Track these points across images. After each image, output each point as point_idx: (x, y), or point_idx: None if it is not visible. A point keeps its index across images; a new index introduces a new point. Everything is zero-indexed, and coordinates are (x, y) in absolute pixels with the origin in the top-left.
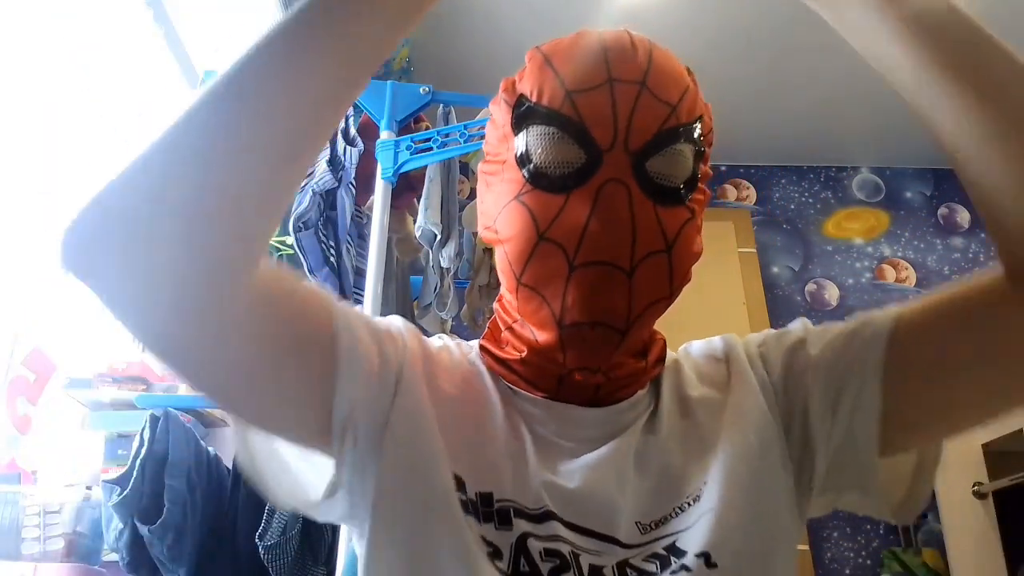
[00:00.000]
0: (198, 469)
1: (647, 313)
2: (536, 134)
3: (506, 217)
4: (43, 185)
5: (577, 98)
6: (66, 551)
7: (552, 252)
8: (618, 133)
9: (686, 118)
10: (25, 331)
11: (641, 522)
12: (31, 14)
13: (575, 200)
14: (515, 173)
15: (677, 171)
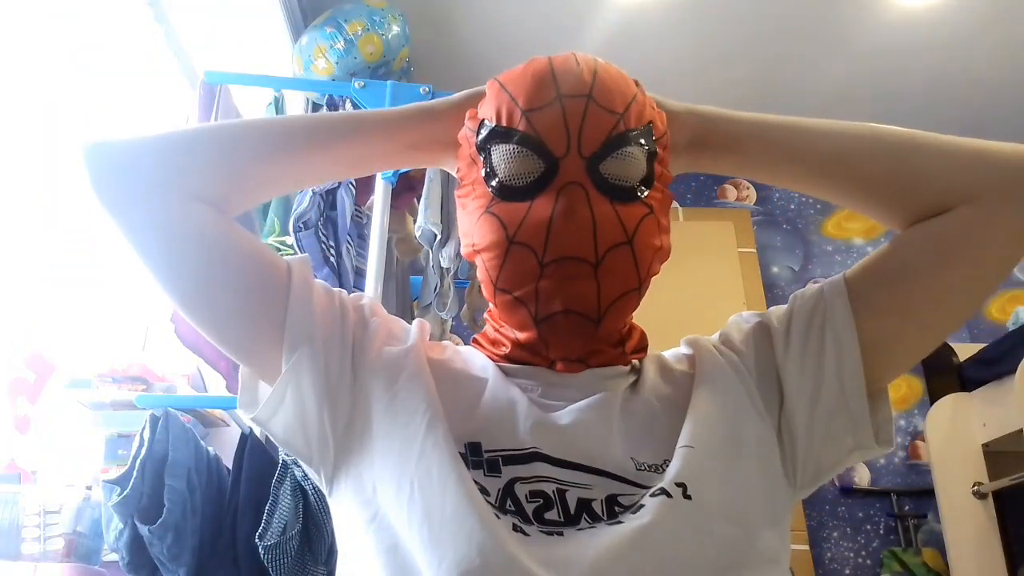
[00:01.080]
0: (198, 469)
1: (618, 303)
2: (499, 152)
3: (479, 229)
4: (43, 186)
5: (532, 115)
6: (66, 551)
7: (523, 254)
8: (571, 141)
9: (634, 123)
10: (25, 331)
11: (636, 459)
12: (31, 14)
13: (538, 203)
14: (483, 189)
15: (630, 172)
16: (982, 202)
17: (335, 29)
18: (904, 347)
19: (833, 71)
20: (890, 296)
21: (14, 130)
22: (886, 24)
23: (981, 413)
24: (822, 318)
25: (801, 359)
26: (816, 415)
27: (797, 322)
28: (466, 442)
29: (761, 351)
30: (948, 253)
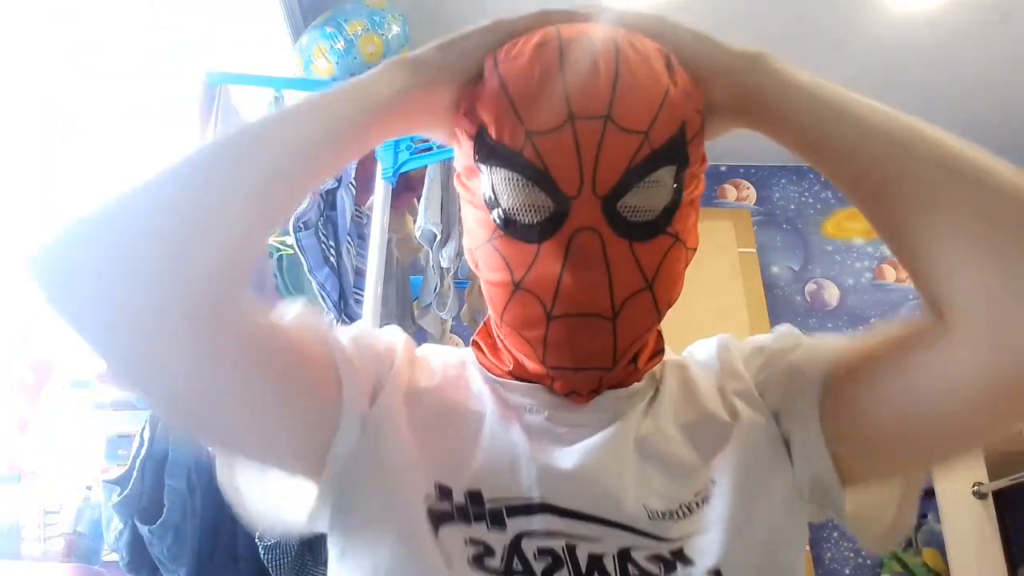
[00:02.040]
0: (198, 469)
1: (635, 344)
2: (501, 178)
3: (483, 258)
4: (44, 186)
5: (539, 141)
6: (66, 551)
7: (529, 300)
8: (584, 178)
9: (661, 139)
10: (26, 332)
11: (648, 506)
12: (31, 14)
13: (547, 251)
14: (486, 214)
15: (653, 202)
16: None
17: (335, 29)
18: (879, 472)
19: (831, 74)
20: (862, 431)
21: (14, 130)
22: (884, 27)
23: None
24: (789, 413)
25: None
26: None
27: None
28: (465, 491)
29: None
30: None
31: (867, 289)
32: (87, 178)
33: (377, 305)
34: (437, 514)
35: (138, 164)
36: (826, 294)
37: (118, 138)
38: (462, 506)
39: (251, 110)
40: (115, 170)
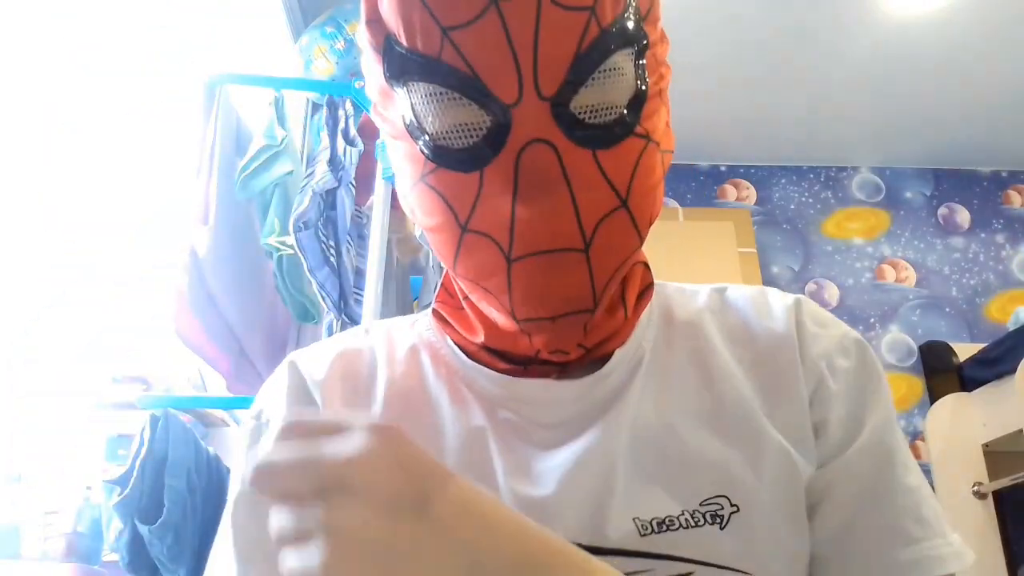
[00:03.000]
0: (198, 469)
1: (617, 275)
2: (420, 95)
3: (418, 201)
4: (46, 187)
5: (457, 36)
6: (66, 551)
7: (482, 244)
8: (523, 77)
9: (611, 15)
10: (26, 332)
11: (640, 518)
12: (31, 14)
13: (491, 178)
14: (411, 146)
15: (614, 94)
16: None
17: (335, 29)
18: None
19: (832, 76)
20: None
21: (14, 130)
22: (885, 26)
23: (981, 413)
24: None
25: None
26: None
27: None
28: None
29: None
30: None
31: (867, 289)
32: (87, 178)
33: (377, 305)
34: None
35: (138, 164)
36: (826, 294)
37: (118, 138)
38: None
39: (251, 110)
40: (115, 170)
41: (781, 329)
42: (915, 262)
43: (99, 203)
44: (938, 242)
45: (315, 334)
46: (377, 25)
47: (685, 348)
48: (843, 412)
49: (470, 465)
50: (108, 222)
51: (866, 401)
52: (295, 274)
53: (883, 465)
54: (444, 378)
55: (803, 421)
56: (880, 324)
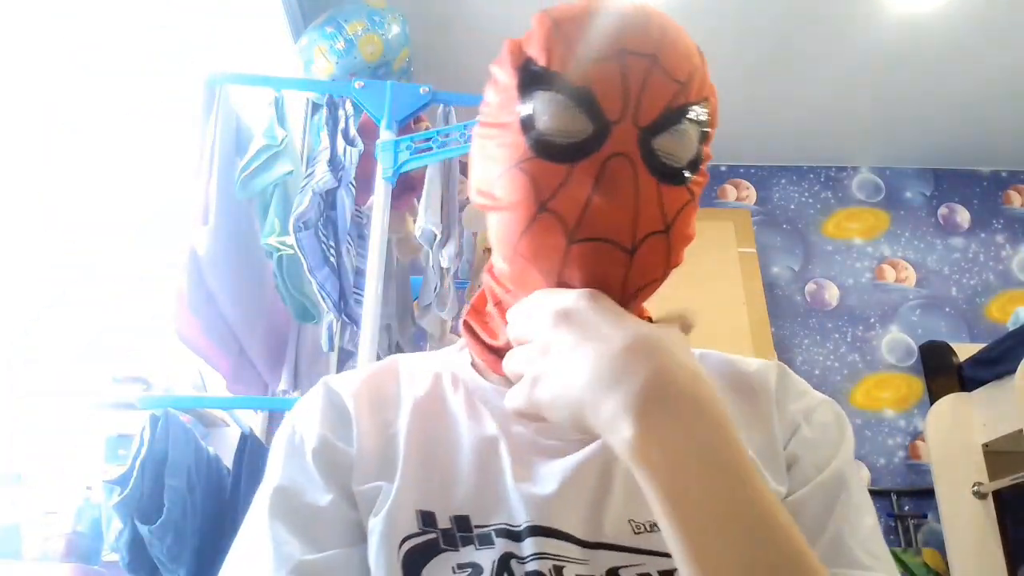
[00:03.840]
0: (198, 469)
1: (641, 293)
2: (543, 100)
3: (506, 183)
4: (45, 186)
5: (588, 67)
6: (66, 551)
7: (551, 224)
8: (628, 106)
9: (695, 97)
10: (26, 332)
11: (635, 520)
12: (31, 14)
13: (579, 172)
14: (517, 138)
15: (682, 151)
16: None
17: (335, 29)
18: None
19: (832, 71)
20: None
21: (14, 130)
22: (885, 26)
23: (981, 413)
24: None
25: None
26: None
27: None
28: (452, 515)
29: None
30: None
31: (867, 289)
32: (87, 178)
33: (377, 305)
34: (418, 551)
35: (138, 164)
36: (826, 294)
37: (118, 138)
38: (448, 531)
39: (251, 110)
40: (115, 170)
41: (760, 380)
42: (915, 262)
43: (99, 203)
44: (938, 242)
45: (315, 334)
46: (517, 52)
47: None
48: (814, 451)
49: (481, 466)
50: (108, 222)
51: (836, 448)
52: (295, 274)
53: (843, 497)
54: (463, 397)
55: (776, 452)
56: (880, 324)
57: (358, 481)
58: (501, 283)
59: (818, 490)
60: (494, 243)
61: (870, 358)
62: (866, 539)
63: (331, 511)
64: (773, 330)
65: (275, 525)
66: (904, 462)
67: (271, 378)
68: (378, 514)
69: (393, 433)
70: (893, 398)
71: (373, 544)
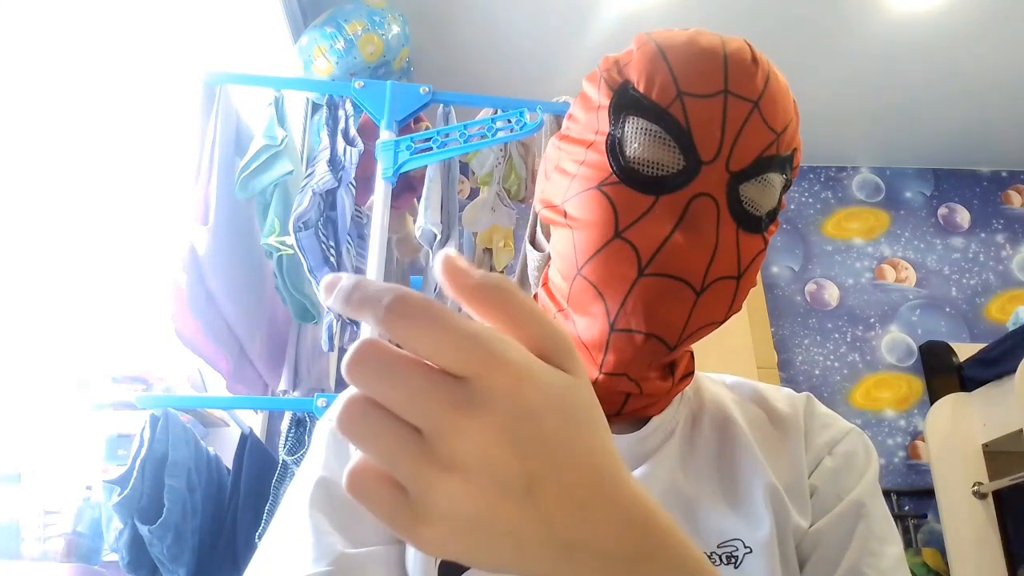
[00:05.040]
0: (198, 469)
1: (698, 333)
2: (636, 127)
3: (583, 203)
4: (45, 186)
5: (689, 101)
6: (66, 551)
7: (624, 253)
8: (723, 149)
9: (785, 148)
10: (25, 331)
11: None
12: (31, 14)
13: (663, 206)
14: (602, 160)
15: (766, 200)
16: None
17: (335, 29)
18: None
19: (832, 71)
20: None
21: (15, 130)
22: (885, 24)
23: (981, 413)
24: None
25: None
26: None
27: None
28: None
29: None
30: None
31: (867, 289)
32: (87, 178)
33: None
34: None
35: (138, 164)
36: (826, 294)
37: (118, 138)
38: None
39: (251, 110)
40: (115, 170)
41: (789, 412)
42: (915, 262)
43: (99, 203)
44: (938, 242)
45: (315, 334)
46: (615, 71)
47: (712, 428)
48: (836, 482)
49: None
50: (108, 222)
51: (858, 479)
52: (295, 274)
53: (862, 527)
54: None
55: (802, 485)
56: (880, 324)
57: None
58: (556, 300)
59: (837, 520)
60: (558, 258)
61: (870, 358)
62: (887, 570)
63: None
64: (773, 330)
65: (316, 516)
66: (904, 462)
67: (271, 378)
68: None
69: None
70: (893, 398)
71: (412, 547)
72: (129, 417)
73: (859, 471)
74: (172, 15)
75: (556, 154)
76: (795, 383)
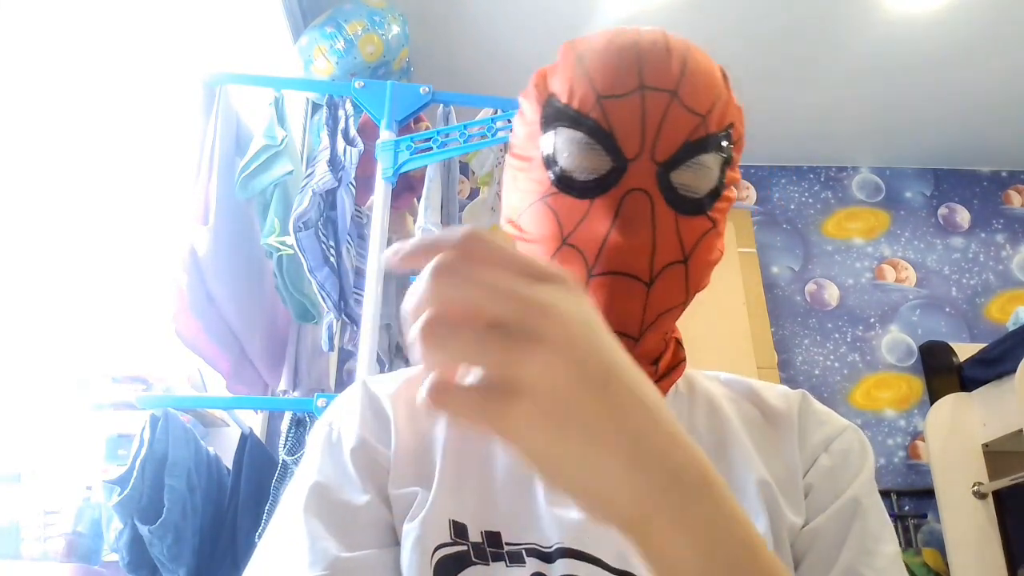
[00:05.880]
0: (198, 469)
1: (660, 320)
2: (565, 138)
3: (531, 217)
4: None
5: (607, 104)
6: (66, 551)
7: (572, 257)
8: (645, 143)
9: (715, 128)
10: (25, 331)
11: None
12: (30, 14)
13: (598, 208)
14: (542, 173)
15: (702, 183)
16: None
17: (335, 29)
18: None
19: (832, 71)
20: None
21: (14, 130)
22: (885, 25)
23: (981, 413)
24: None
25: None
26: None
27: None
28: (483, 530)
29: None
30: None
31: (867, 289)
32: (87, 178)
33: (377, 305)
34: (450, 561)
35: (138, 164)
36: (826, 294)
37: (118, 138)
38: (479, 544)
39: (251, 110)
40: (115, 170)
41: (783, 409)
42: (915, 262)
43: (99, 203)
44: (938, 242)
45: (315, 334)
46: (542, 86)
47: (705, 423)
48: (831, 480)
49: (515, 485)
50: (108, 222)
51: (854, 476)
52: (295, 274)
53: (858, 525)
54: None
55: (796, 482)
56: (880, 324)
57: (395, 484)
58: None
59: (833, 519)
60: None
61: (870, 358)
62: (883, 569)
63: (368, 511)
64: (773, 330)
65: (311, 521)
66: (904, 462)
67: (271, 378)
68: (413, 520)
69: (430, 441)
70: (893, 398)
71: (407, 549)
72: (129, 417)
73: (855, 469)
74: (172, 15)
75: (509, 172)
76: (795, 383)
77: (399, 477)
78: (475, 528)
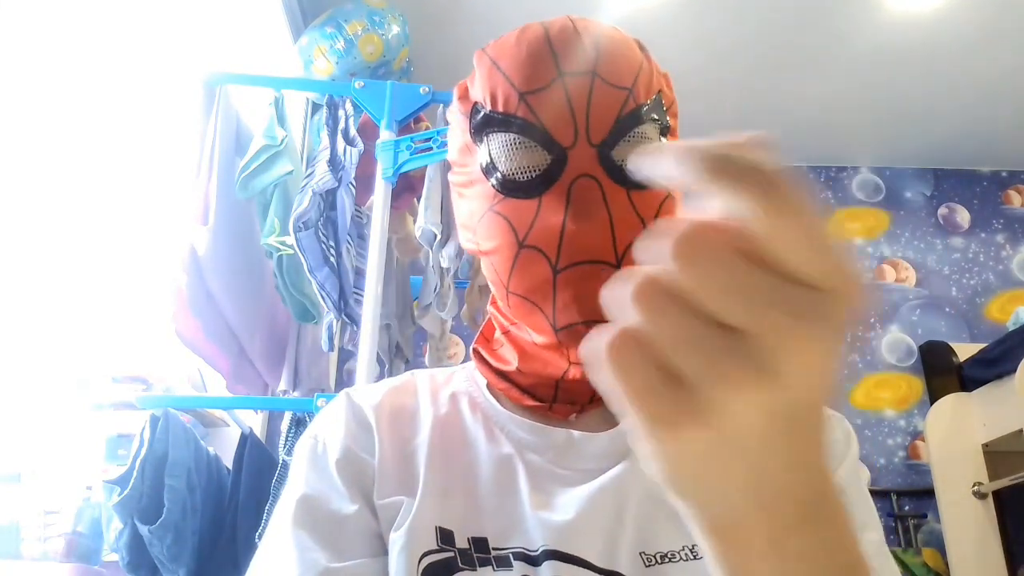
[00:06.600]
0: (198, 469)
1: None
2: (498, 143)
3: (484, 228)
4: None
5: (531, 99)
6: (66, 551)
7: (534, 258)
8: (578, 128)
9: (643, 98)
10: (25, 331)
11: (645, 552)
12: (30, 14)
13: (548, 203)
14: (484, 184)
15: None
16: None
17: (335, 29)
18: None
19: (832, 71)
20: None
21: (14, 130)
22: (885, 26)
23: (981, 413)
24: None
25: None
26: None
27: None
28: (470, 536)
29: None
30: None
31: (867, 288)
32: (86, 178)
33: (377, 305)
34: (437, 568)
35: (138, 164)
36: None
37: (118, 138)
38: (466, 551)
39: (251, 110)
40: (114, 170)
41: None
42: (915, 262)
43: (99, 203)
44: (938, 242)
45: (315, 334)
46: (465, 99)
47: None
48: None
49: (500, 490)
50: (108, 222)
51: (837, 465)
52: (295, 274)
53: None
54: (481, 421)
55: None
56: (880, 324)
57: (380, 494)
58: (507, 316)
59: None
60: (490, 284)
61: (870, 358)
62: (869, 556)
63: (355, 521)
64: None
65: (299, 533)
66: (904, 462)
67: (271, 378)
68: (399, 528)
69: (413, 449)
70: (893, 398)
71: (394, 557)
72: (129, 417)
73: (839, 457)
74: (173, 15)
75: (454, 189)
76: None
77: (384, 486)
78: (462, 534)
